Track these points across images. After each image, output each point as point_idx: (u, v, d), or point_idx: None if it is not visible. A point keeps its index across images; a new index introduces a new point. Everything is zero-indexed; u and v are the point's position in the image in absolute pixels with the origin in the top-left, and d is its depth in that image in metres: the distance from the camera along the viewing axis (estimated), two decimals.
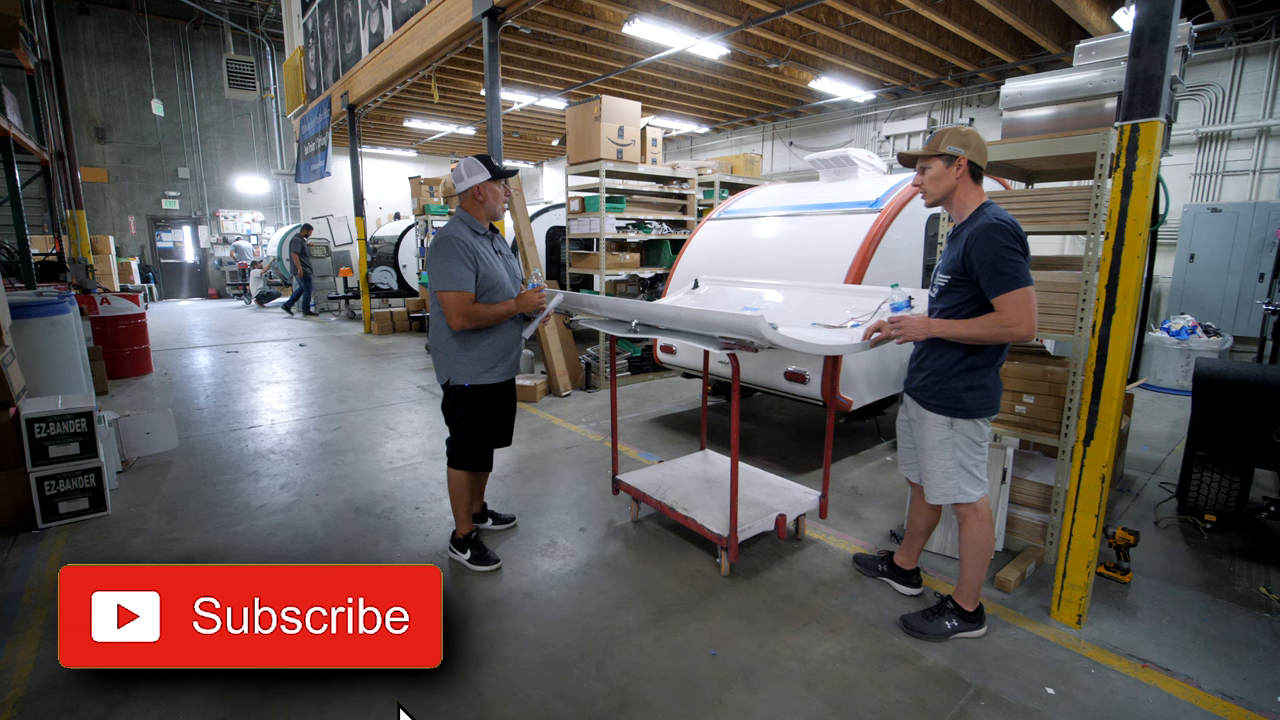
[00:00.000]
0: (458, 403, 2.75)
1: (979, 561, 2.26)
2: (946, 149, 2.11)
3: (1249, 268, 6.39)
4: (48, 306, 4.53)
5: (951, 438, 2.20)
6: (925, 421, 2.25)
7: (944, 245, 2.31)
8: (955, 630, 2.27)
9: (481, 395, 2.74)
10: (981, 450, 2.23)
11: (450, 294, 2.54)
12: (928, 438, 2.25)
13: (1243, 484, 3.17)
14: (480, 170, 2.64)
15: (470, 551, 2.86)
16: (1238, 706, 2.02)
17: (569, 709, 2.00)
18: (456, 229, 2.62)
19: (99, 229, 14.47)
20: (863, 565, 2.83)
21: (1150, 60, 2.06)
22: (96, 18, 14.69)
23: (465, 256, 2.55)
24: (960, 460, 2.21)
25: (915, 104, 9.55)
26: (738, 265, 4.54)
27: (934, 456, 2.24)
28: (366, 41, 8.54)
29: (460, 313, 2.55)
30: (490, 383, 2.74)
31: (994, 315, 2.04)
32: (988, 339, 2.07)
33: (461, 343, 2.67)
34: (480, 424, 2.78)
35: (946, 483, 2.23)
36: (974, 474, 2.22)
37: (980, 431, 2.21)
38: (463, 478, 2.83)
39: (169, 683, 2.10)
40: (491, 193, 2.68)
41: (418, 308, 10.24)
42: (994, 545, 2.30)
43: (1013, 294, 1.99)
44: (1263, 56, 6.59)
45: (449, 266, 2.55)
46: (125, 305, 6.75)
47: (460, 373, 2.70)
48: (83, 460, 3.31)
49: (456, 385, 2.72)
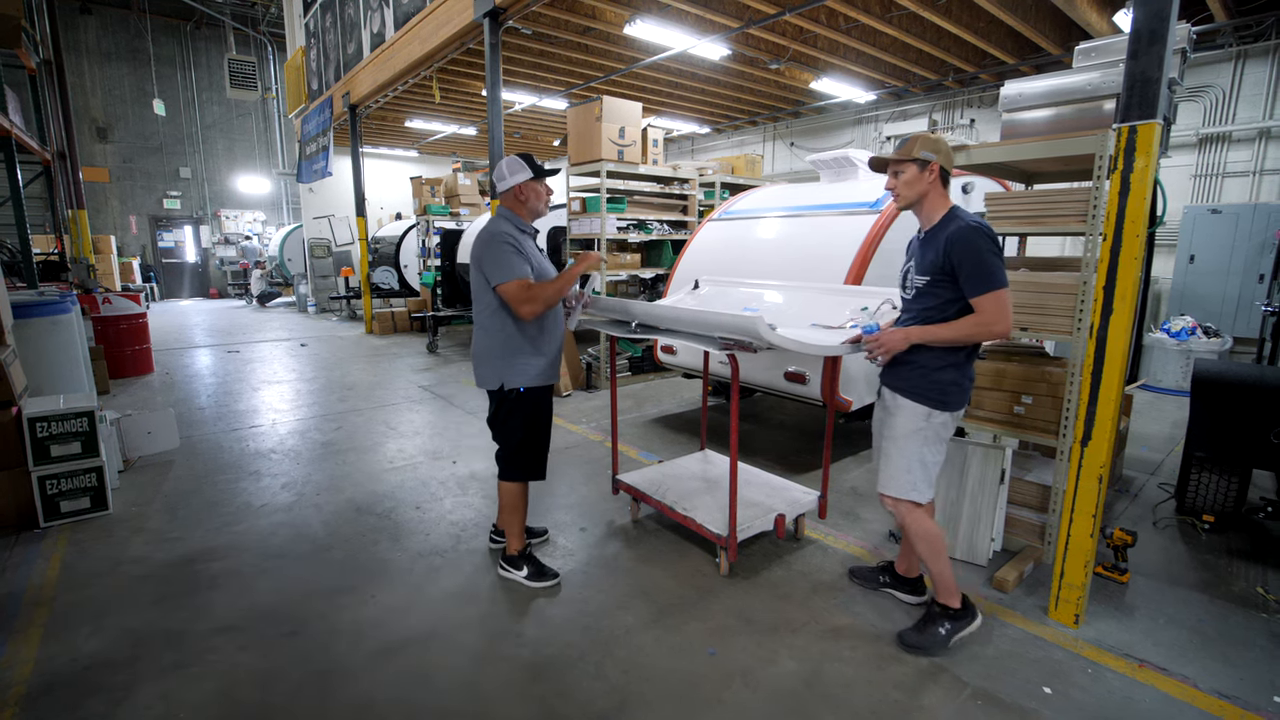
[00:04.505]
0: (512, 410, 2.64)
1: (937, 554, 2.28)
2: (920, 154, 2.15)
3: (1249, 269, 6.39)
4: (49, 306, 4.54)
5: (924, 430, 2.22)
6: (902, 411, 2.27)
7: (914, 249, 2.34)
8: (951, 633, 2.27)
9: (537, 399, 2.67)
10: (943, 451, 2.28)
11: (510, 284, 2.45)
12: (900, 426, 2.27)
13: (1241, 485, 3.18)
14: (522, 169, 2.59)
15: (527, 568, 2.74)
16: (1234, 706, 2.02)
17: (569, 708, 2.01)
18: (502, 225, 2.56)
19: (100, 229, 14.51)
20: (862, 579, 2.75)
21: (1148, 62, 2.07)
22: (98, 17, 14.73)
23: (517, 248, 2.50)
24: (924, 456, 2.24)
25: (916, 105, 9.56)
26: (738, 266, 4.55)
27: (901, 446, 2.26)
28: (368, 42, 8.56)
29: (526, 299, 2.46)
30: (544, 384, 2.67)
31: (974, 316, 2.09)
32: (968, 338, 2.12)
33: (521, 342, 2.58)
34: (538, 430, 2.71)
35: (905, 476, 2.26)
36: (930, 474, 2.27)
37: (948, 429, 2.26)
38: (518, 490, 2.73)
39: (170, 682, 2.12)
40: (534, 192, 2.62)
41: (419, 308, 10.25)
42: (942, 533, 2.33)
43: (992, 294, 2.04)
44: (1263, 58, 6.59)
45: (504, 259, 2.47)
46: (127, 305, 6.77)
47: (515, 376, 2.60)
48: (84, 459, 3.32)
49: (511, 390, 2.61)
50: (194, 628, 2.41)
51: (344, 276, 12.26)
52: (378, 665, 2.20)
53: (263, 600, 2.61)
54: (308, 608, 2.55)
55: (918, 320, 2.23)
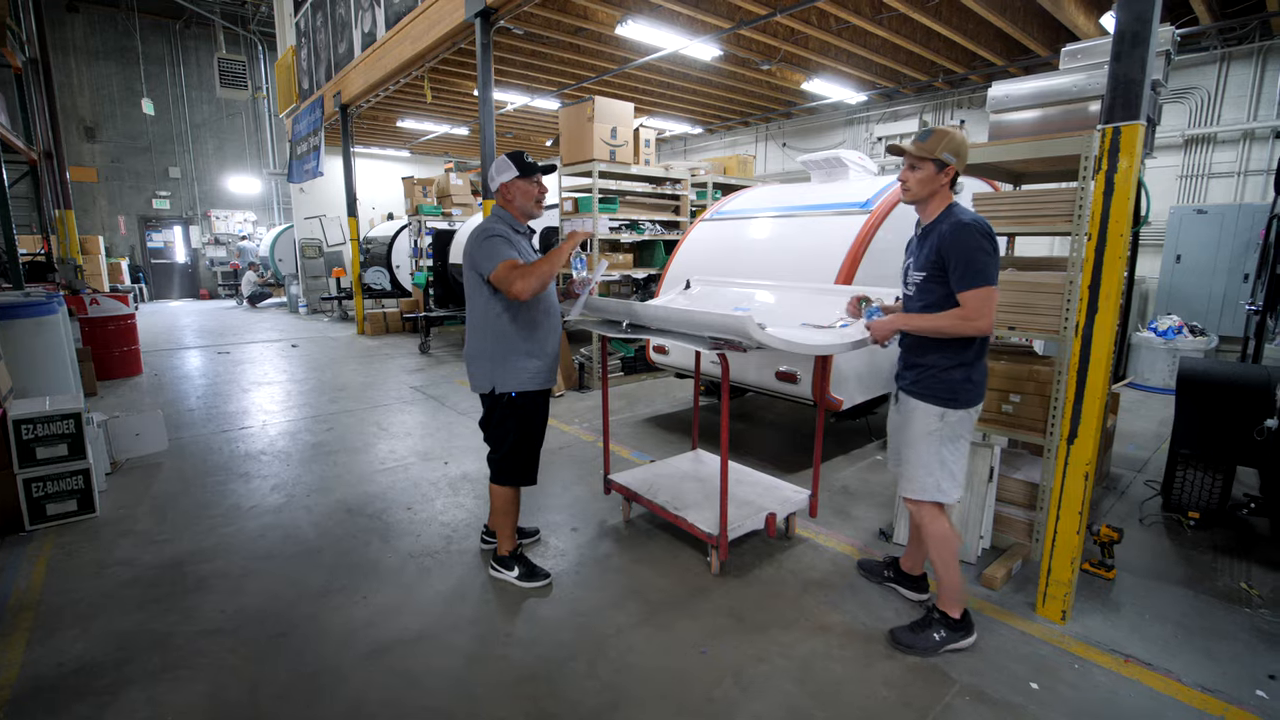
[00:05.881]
0: (505, 414, 2.59)
1: (949, 558, 2.27)
2: (943, 155, 2.13)
3: (1234, 268, 6.47)
4: (35, 307, 4.49)
5: (940, 430, 2.21)
6: (916, 413, 2.26)
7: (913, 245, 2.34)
8: (944, 641, 2.26)
9: (530, 404, 2.61)
10: (965, 449, 2.26)
11: (499, 267, 2.37)
12: (915, 428, 2.26)
13: (1225, 481, 3.21)
14: (508, 169, 2.51)
15: (519, 568, 2.72)
16: (1217, 700, 2.05)
17: (560, 707, 2.01)
18: (495, 225, 2.50)
19: (88, 229, 14.36)
20: (868, 572, 2.79)
21: (1130, 64, 2.10)
22: (85, 16, 14.58)
23: (507, 242, 2.44)
24: (944, 456, 2.22)
25: (907, 106, 9.61)
26: (730, 266, 4.56)
27: (918, 448, 2.26)
28: (359, 41, 8.52)
29: (517, 275, 2.35)
30: (538, 389, 2.61)
31: (956, 309, 2.09)
32: (949, 331, 2.12)
33: (515, 342, 2.52)
34: (529, 436, 2.65)
35: (928, 478, 2.24)
36: (955, 474, 2.24)
37: (967, 426, 2.23)
38: (509, 494, 2.69)
39: (157, 685, 2.10)
40: (520, 192, 2.54)
41: (411, 308, 10.21)
42: (958, 540, 2.32)
43: (977, 290, 2.05)
44: (1247, 60, 6.67)
45: (492, 250, 2.40)
46: (114, 306, 6.71)
47: (507, 380, 2.53)
48: (71, 462, 3.29)
49: (504, 394, 2.55)
50: (182, 630, 2.39)
51: (335, 277, 12.19)
52: (368, 666, 2.20)
53: (252, 602, 2.59)
54: (297, 609, 2.54)
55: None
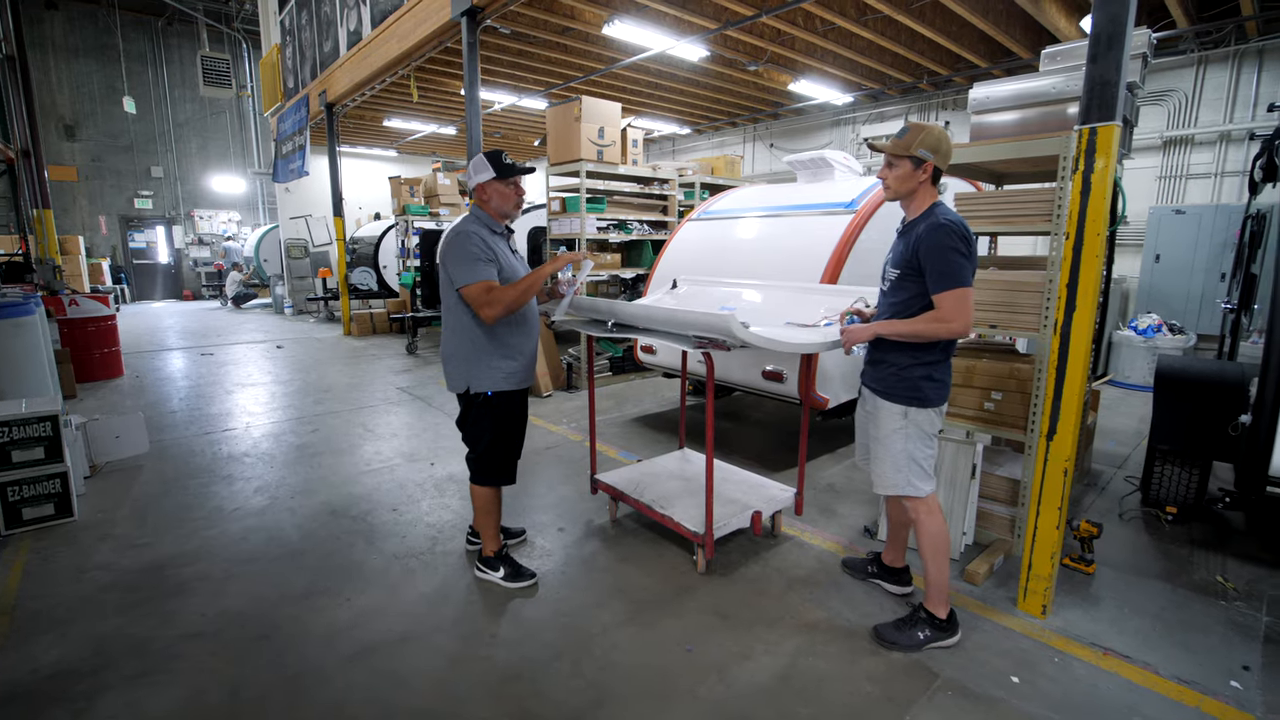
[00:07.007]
0: (480, 414, 2.58)
1: (939, 556, 2.29)
2: (918, 152, 2.14)
3: (1211, 268, 6.59)
4: (12, 308, 4.41)
5: (905, 428, 2.24)
6: (880, 412, 2.29)
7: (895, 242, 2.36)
8: (928, 640, 2.28)
9: (505, 404, 2.59)
10: (932, 444, 2.28)
11: (473, 287, 2.37)
12: (882, 427, 2.29)
13: (1201, 476, 3.27)
14: (485, 169, 2.48)
15: (504, 569, 2.71)
16: (1193, 691, 2.09)
17: (545, 707, 2.00)
18: (471, 225, 2.47)
19: (68, 229, 14.12)
20: (852, 569, 2.82)
21: (1106, 66, 2.13)
22: (65, 12, 14.34)
23: (483, 250, 2.40)
24: (911, 452, 2.24)
25: (892, 107, 9.69)
26: (717, 265, 4.58)
27: (886, 446, 2.28)
28: (345, 39, 8.45)
29: (486, 301, 2.36)
30: (513, 389, 2.59)
31: (932, 312, 2.10)
32: (927, 335, 2.12)
33: (489, 344, 2.50)
34: (506, 435, 2.64)
35: (897, 475, 2.27)
36: (924, 468, 2.27)
37: (932, 423, 2.25)
38: (490, 493, 2.68)
39: (135, 690, 2.07)
40: (497, 193, 2.51)
41: (398, 309, 10.14)
42: (949, 537, 2.34)
43: (952, 292, 2.05)
44: (1223, 64, 6.79)
45: (468, 260, 2.38)
46: (94, 307, 6.60)
47: (482, 380, 2.52)
48: (48, 465, 3.23)
49: (479, 394, 2.54)
50: (161, 634, 2.36)
51: (322, 278, 12.08)
52: (351, 668, 2.18)
53: (233, 605, 2.56)
54: (280, 611, 2.51)
55: (890, 313, 2.26)
